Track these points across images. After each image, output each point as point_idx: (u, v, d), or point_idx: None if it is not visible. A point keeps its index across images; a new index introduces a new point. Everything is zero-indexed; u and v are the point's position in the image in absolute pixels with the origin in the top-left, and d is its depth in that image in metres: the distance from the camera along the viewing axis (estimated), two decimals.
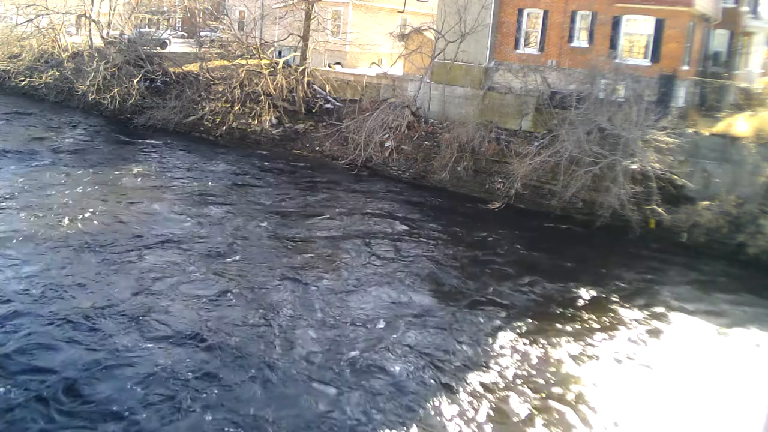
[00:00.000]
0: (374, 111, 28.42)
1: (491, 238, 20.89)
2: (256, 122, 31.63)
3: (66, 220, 19.40)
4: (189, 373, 12.19)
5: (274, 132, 31.56)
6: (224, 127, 31.64)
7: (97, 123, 34.72)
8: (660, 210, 21.04)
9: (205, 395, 11.59)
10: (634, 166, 21.33)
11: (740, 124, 22.97)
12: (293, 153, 30.36)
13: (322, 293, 15.95)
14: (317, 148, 30.05)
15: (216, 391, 11.72)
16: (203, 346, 13.12)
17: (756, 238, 19.83)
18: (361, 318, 14.86)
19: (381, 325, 14.59)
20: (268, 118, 31.70)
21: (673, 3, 24.58)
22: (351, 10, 38.97)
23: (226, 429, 10.86)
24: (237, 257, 17.89)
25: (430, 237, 20.76)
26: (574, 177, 21.97)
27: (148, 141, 31.12)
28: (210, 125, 32.06)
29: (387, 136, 27.91)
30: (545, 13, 27.33)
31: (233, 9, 42.58)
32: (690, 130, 22.56)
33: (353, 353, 13.32)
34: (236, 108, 31.38)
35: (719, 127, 23.11)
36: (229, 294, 15.57)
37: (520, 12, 28.00)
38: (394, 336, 14.08)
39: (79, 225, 19.16)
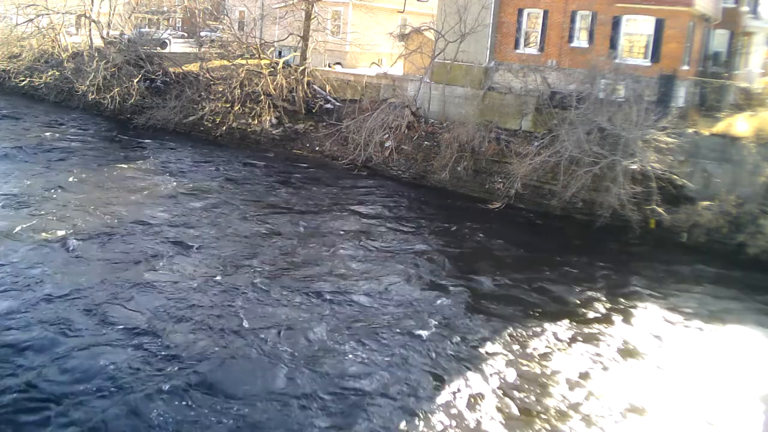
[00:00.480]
0: (374, 111, 28.42)
1: (491, 238, 20.86)
2: (256, 122, 31.63)
3: (59, 217, 19.45)
4: (162, 357, 12.55)
5: (274, 132, 31.57)
6: (224, 127, 31.65)
7: (97, 123, 34.72)
8: (660, 210, 21.04)
9: (180, 383, 11.82)
10: (634, 166, 21.33)
11: (740, 124, 22.97)
12: (293, 153, 30.36)
13: (312, 287, 16.03)
14: (317, 148, 30.06)
15: (191, 379, 11.96)
16: (184, 335, 13.40)
17: (756, 238, 19.85)
18: (349, 310, 14.89)
19: (366, 317, 14.64)
20: (268, 118, 31.71)
21: (673, 3, 24.59)
22: (351, 10, 38.98)
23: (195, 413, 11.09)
24: (228, 252, 18.03)
25: (427, 236, 20.75)
26: (574, 177, 21.97)
27: (148, 141, 31.13)
28: (210, 125, 32.07)
29: (387, 136, 27.91)
30: (545, 13, 27.34)
31: (233, 9, 42.60)
32: (690, 130, 22.57)
33: (331, 341, 13.58)
34: (236, 108, 31.39)
35: (719, 127, 23.11)
36: (214, 285, 15.82)
37: (520, 12, 28.00)
38: (375, 327, 14.14)
39: (70, 221, 19.22)
